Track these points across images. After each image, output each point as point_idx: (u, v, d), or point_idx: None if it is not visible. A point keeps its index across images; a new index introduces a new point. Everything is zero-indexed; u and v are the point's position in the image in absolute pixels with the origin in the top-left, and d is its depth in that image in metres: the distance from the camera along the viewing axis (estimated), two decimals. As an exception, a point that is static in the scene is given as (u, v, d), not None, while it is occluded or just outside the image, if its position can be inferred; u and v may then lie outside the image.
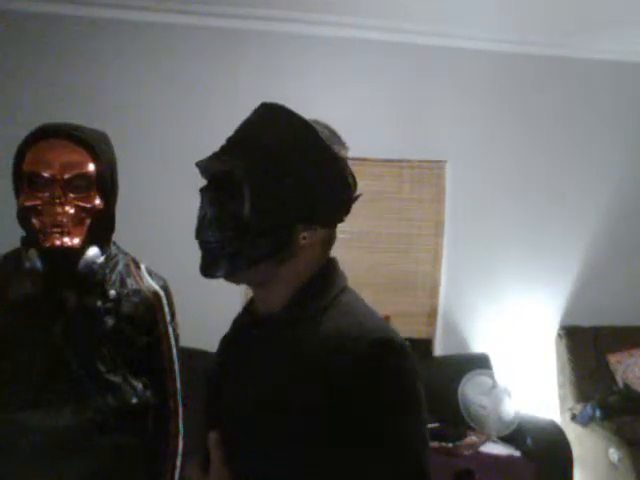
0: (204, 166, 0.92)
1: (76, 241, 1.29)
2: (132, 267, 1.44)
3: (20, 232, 1.37)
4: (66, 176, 1.27)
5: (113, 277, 1.38)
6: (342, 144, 0.94)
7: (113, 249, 1.43)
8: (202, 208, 0.91)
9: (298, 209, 0.88)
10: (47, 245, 1.26)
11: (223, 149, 0.92)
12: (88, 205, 1.30)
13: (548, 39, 3.61)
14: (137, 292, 1.41)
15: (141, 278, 1.44)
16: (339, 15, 3.35)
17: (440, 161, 3.64)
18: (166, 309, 1.46)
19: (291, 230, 0.88)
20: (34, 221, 1.27)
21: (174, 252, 3.20)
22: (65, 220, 1.26)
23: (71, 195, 1.27)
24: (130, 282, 1.41)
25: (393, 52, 3.53)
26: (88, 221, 1.31)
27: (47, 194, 1.26)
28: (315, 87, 3.43)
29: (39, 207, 1.26)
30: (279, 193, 0.87)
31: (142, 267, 1.48)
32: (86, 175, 1.29)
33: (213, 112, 3.31)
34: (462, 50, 3.59)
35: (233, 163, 0.88)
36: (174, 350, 1.47)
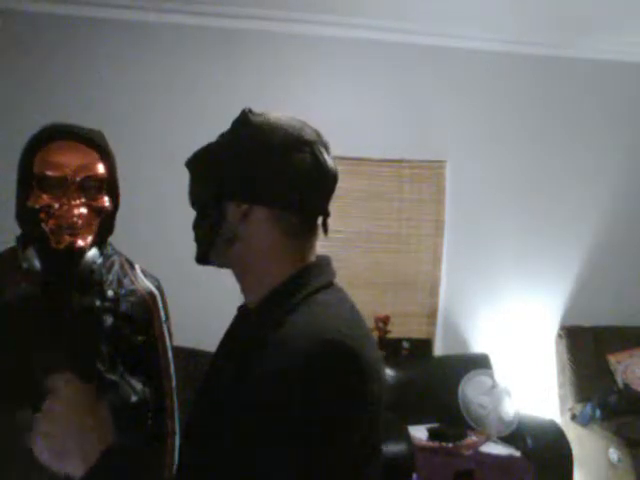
0: None
1: (87, 242, 1.31)
2: (127, 267, 1.46)
3: (17, 232, 1.37)
4: (78, 178, 1.28)
5: (110, 277, 1.39)
6: (307, 132, 0.91)
7: (109, 249, 1.43)
8: None
9: (220, 186, 0.90)
10: (61, 246, 1.27)
11: None
12: (99, 206, 1.32)
13: (548, 39, 3.61)
14: (133, 292, 1.42)
15: (136, 278, 1.45)
16: (339, 15, 3.35)
17: (440, 161, 3.64)
18: (161, 309, 1.48)
19: (218, 206, 0.90)
20: (45, 222, 1.27)
21: (173, 252, 3.20)
22: (79, 221, 1.28)
23: (83, 196, 1.29)
24: (126, 282, 1.42)
25: (393, 52, 3.53)
26: (97, 222, 1.33)
27: (60, 195, 1.27)
28: (315, 87, 3.44)
29: (52, 208, 1.27)
30: (204, 172, 0.92)
31: (136, 267, 1.49)
32: (97, 177, 1.32)
33: (212, 112, 3.30)
34: (462, 50, 3.59)
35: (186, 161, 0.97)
36: (169, 350, 1.49)
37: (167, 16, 3.27)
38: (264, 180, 0.88)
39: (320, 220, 0.93)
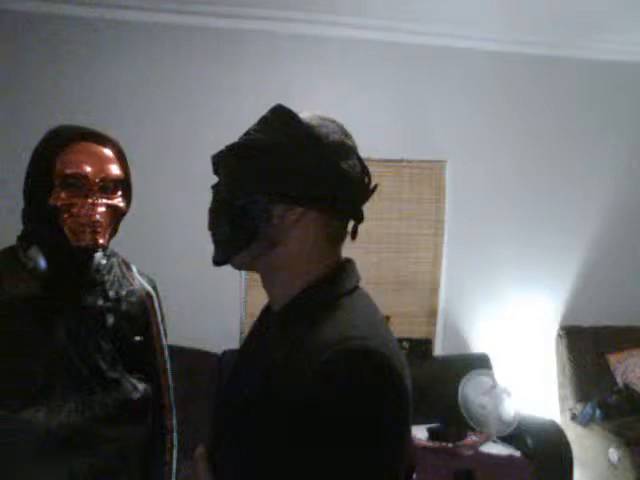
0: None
1: (107, 240, 1.34)
2: (124, 268, 1.48)
3: (17, 231, 1.37)
4: (99, 178, 1.31)
5: (110, 278, 1.41)
6: (348, 136, 0.92)
7: (109, 250, 1.45)
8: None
9: (272, 187, 0.86)
10: (83, 244, 1.29)
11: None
12: (117, 206, 1.35)
13: (548, 39, 3.61)
14: (132, 292, 1.44)
15: (133, 279, 1.48)
16: (339, 15, 3.35)
17: (440, 161, 3.64)
18: (157, 309, 1.50)
19: (266, 208, 0.86)
20: (65, 221, 1.29)
21: (174, 253, 3.21)
22: (102, 220, 1.31)
23: (104, 196, 1.32)
24: (125, 283, 1.44)
25: (393, 52, 3.53)
26: (114, 222, 1.36)
27: (81, 195, 1.29)
28: (314, 87, 3.43)
29: (74, 207, 1.29)
30: (251, 171, 0.87)
31: (133, 268, 1.51)
32: (116, 177, 1.35)
33: (212, 112, 3.31)
34: (462, 50, 3.58)
35: (218, 153, 0.92)
36: (166, 349, 1.52)
37: (167, 16, 3.26)
38: (321, 185, 0.86)
39: (351, 225, 0.94)
